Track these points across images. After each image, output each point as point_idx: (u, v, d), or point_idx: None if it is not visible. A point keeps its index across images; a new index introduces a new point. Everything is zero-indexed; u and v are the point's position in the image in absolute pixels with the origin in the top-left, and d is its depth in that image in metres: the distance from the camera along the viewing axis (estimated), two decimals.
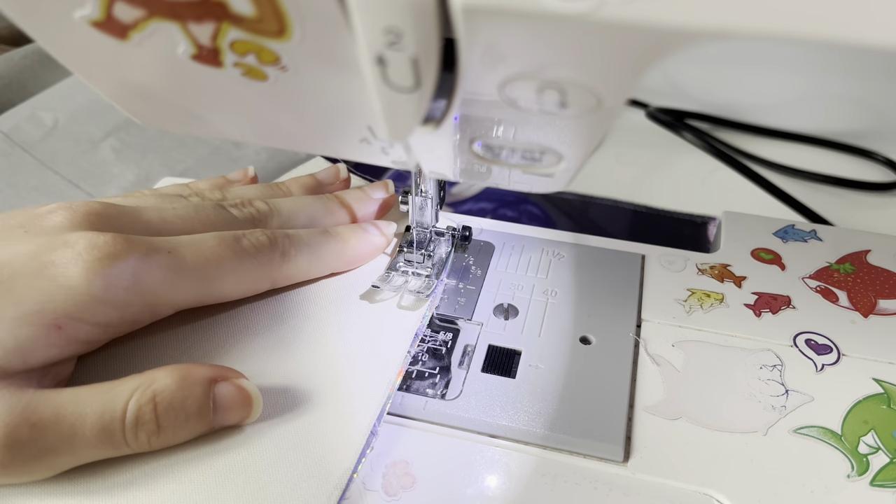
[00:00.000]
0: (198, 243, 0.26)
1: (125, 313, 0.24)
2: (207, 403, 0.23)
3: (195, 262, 0.25)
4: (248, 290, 0.28)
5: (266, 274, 0.28)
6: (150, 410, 0.22)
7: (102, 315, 0.23)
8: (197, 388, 0.23)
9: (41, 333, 0.22)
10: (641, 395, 0.28)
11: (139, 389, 0.22)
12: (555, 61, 0.15)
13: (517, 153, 0.21)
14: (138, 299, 0.24)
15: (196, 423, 0.23)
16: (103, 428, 0.22)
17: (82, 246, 0.23)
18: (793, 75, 0.52)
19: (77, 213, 0.25)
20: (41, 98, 0.53)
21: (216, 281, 0.26)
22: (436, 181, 0.30)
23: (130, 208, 0.26)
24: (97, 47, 0.18)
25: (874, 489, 0.24)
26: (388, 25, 0.14)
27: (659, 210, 0.46)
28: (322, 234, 0.30)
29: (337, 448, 0.24)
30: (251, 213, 0.29)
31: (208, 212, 0.28)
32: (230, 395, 0.24)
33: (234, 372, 0.25)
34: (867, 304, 0.31)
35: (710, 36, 0.12)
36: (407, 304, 0.30)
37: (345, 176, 0.36)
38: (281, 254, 0.28)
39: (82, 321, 0.23)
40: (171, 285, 0.25)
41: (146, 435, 0.22)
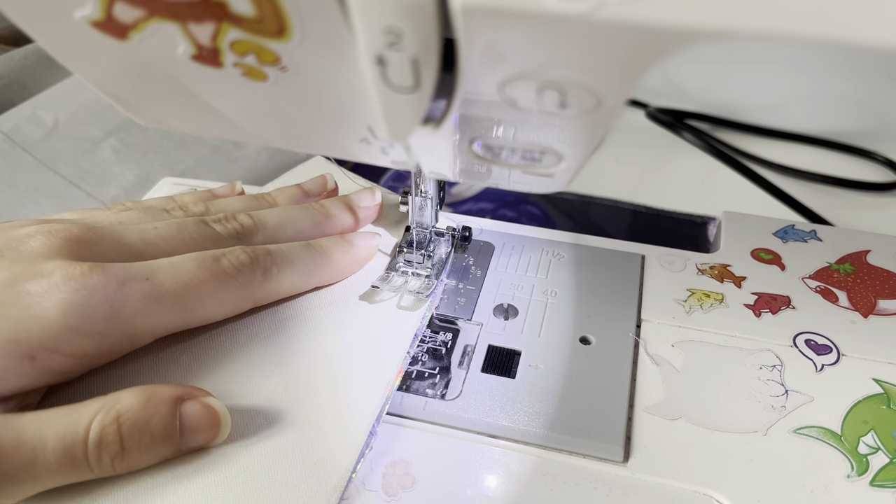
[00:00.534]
0: (176, 267, 0.25)
1: (102, 344, 0.24)
2: (173, 423, 0.22)
3: (174, 288, 0.24)
4: (229, 312, 0.27)
5: (248, 294, 0.27)
6: (114, 431, 0.21)
7: (78, 346, 0.23)
8: (162, 408, 0.22)
9: (13, 364, 0.22)
10: (641, 395, 0.28)
11: (102, 410, 0.22)
12: (554, 61, 0.15)
13: (517, 153, 0.21)
14: (116, 330, 0.23)
15: (162, 445, 0.22)
16: (65, 451, 0.21)
17: (59, 277, 0.22)
18: (793, 75, 0.52)
19: (56, 237, 0.24)
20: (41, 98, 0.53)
21: (197, 306, 0.25)
22: (435, 181, 0.30)
23: (110, 231, 0.26)
24: (97, 47, 0.18)
25: (874, 489, 0.24)
26: (387, 25, 0.14)
27: (659, 210, 0.46)
28: (305, 249, 0.29)
29: (336, 448, 0.24)
30: (235, 229, 0.29)
31: (190, 230, 0.27)
32: (197, 414, 0.23)
33: (200, 391, 0.24)
34: (867, 304, 0.31)
35: (710, 36, 0.12)
36: (406, 304, 0.30)
37: (332, 186, 0.35)
38: (263, 272, 0.27)
39: (57, 352, 0.22)
40: (149, 314, 0.24)
41: (109, 457, 0.21)
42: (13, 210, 0.45)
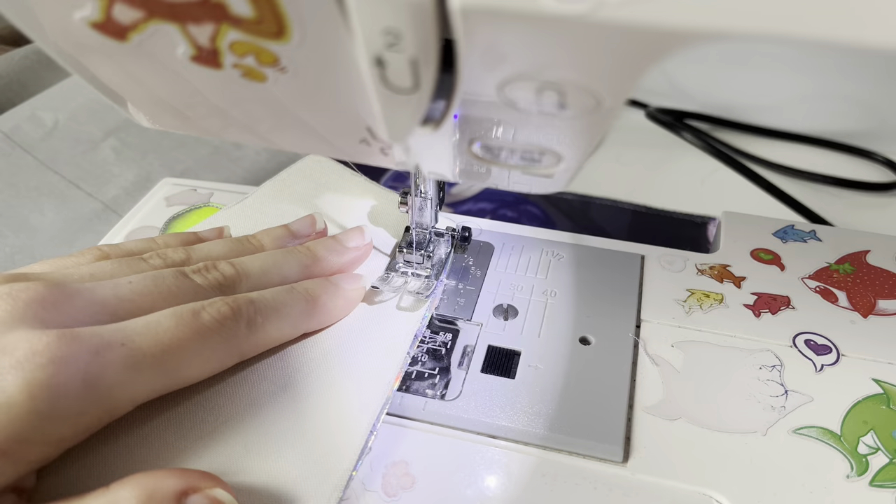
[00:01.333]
0: (154, 327, 0.23)
1: (79, 423, 0.21)
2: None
3: (153, 351, 0.22)
4: (215, 369, 0.25)
5: (233, 349, 0.25)
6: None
7: (52, 432, 0.20)
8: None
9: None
10: (641, 395, 0.28)
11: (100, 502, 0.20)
12: (553, 62, 0.15)
13: (516, 154, 0.21)
14: (92, 406, 0.21)
15: None
16: None
17: (22, 352, 0.20)
18: (793, 75, 0.52)
19: (18, 301, 0.21)
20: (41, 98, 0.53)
21: (179, 367, 0.23)
22: (435, 182, 0.30)
23: (80, 289, 0.23)
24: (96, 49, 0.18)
25: (874, 489, 0.24)
26: (386, 27, 0.14)
27: (659, 210, 0.46)
28: (289, 294, 0.27)
29: (336, 448, 0.24)
30: (217, 279, 0.26)
31: (168, 282, 0.25)
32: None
33: (207, 480, 0.21)
34: (867, 304, 0.31)
35: (709, 36, 0.12)
36: (406, 304, 0.30)
37: (321, 227, 0.33)
38: (247, 324, 0.25)
39: (30, 442, 0.20)
40: (128, 383, 0.22)
41: None
42: (13, 210, 0.45)
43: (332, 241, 0.31)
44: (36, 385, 0.19)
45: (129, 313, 0.23)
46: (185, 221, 0.38)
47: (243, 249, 0.30)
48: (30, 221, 0.44)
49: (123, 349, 0.22)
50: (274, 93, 0.19)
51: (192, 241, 0.31)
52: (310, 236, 0.33)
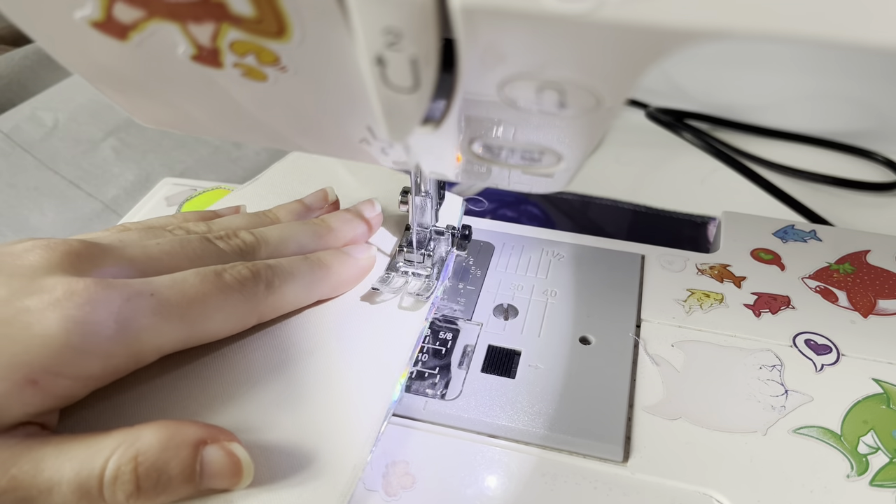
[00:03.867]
0: (180, 282, 0.24)
1: (108, 364, 0.23)
2: (193, 467, 0.22)
3: (180, 303, 0.24)
4: (235, 327, 0.26)
5: (252, 308, 0.26)
6: (131, 470, 0.21)
7: (83, 367, 0.22)
8: (183, 451, 0.22)
9: (13, 389, 0.20)
10: (641, 395, 0.28)
11: (122, 447, 0.21)
12: (554, 61, 0.15)
13: (517, 153, 0.21)
14: (122, 348, 0.23)
15: (179, 487, 0.22)
16: (80, 485, 0.20)
17: (60, 292, 0.21)
18: (793, 75, 0.52)
19: (55, 252, 0.23)
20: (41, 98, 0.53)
21: (202, 321, 0.25)
22: (436, 181, 0.30)
23: (112, 246, 0.25)
24: (97, 48, 0.18)
25: (874, 489, 0.24)
26: (387, 26, 0.14)
27: (659, 210, 0.46)
28: (305, 262, 0.29)
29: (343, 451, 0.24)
30: (238, 245, 0.28)
31: (194, 245, 0.27)
32: (219, 460, 0.22)
33: (226, 434, 0.23)
34: (867, 304, 0.31)
35: (709, 36, 0.12)
36: (407, 305, 0.30)
37: (333, 199, 0.35)
38: (266, 285, 0.26)
39: (61, 375, 0.21)
40: (155, 330, 0.23)
41: (124, 495, 0.21)
42: (13, 210, 0.45)
43: (344, 213, 0.33)
44: (72, 321, 0.21)
45: (156, 271, 0.25)
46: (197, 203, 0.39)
47: (261, 222, 0.31)
48: (30, 221, 0.44)
49: (152, 299, 0.23)
50: (274, 92, 0.19)
51: (210, 218, 0.32)
52: (323, 209, 0.34)
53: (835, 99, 0.52)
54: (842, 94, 0.52)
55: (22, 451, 0.21)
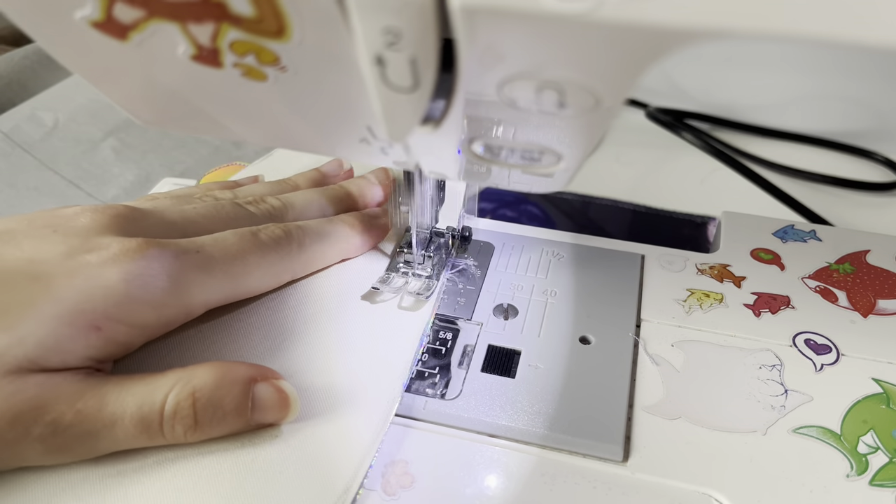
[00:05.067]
0: (221, 241, 0.26)
1: (161, 314, 0.25)
2: (245, 403, 0.24)
3: (223, 259, 0.26)
4: (271, 282, 0.29)
5: (287, 266, 0.29)
6: (189, 406, 0.23)
7: (140, 316, 0.24)
8: (236, 388, 0.23)
9: (80, 334, 0.22)
10: (641, 394, 0.28)
11: (179, 384, 0.23)
12: (553, 61, 0.15)
13: (516, 153, 0.21)
14: (174, 299, 0.25)
15: (233, 421, 0.24)
16: (142, 419, 0.22)
17: (116, 249, 0.23)
18: (793, 75, 0.52)
19: (104, 215, 0.25)
20: (41, 98, 0.53)
21: (243, 276, 0.27)
22: (435, 182, 0.30)
23: (153, 210, 0.27)
24: (97, 48, 0.18)
25: (873, 489, 0.24)
26: (386, 26, 0.14)
27: (659, 210, 0.46)
28: (330, 223, 0.31)
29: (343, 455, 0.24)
30: (267, 209, 0.30)
31: (227, 209, 0.29)
32: (269, 395, 0.24)
33: (273, 372, 0.25)
34: (866, 304, 0.31)
35: (709, 36, 0.12)
36: (407, 305, 0.30)
37: (348, 167, 0.38)
38: (297, 244, 0.29)
39: (121, 322, 0.23)
40: (203, 284, 0.25)
41: (183, 429, 0.23)
42: (13, 210, 0.45)
43: (360, 179, 0.35)
44: (130, 274, 0.23)
45: (195, 233, 0.27)
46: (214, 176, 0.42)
47: (282, 189, 0.34)
48: None
49: (198, 255, 0.25)
50: (274, 92, 0.19)
51: (233, 187, 0.34)
52: (339, 176, 0.37)
53: (835, 99, 0.52)
54: (842, 94, 0.52)
55: (87, 388, 0.22)
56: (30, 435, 0.21)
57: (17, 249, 0.23)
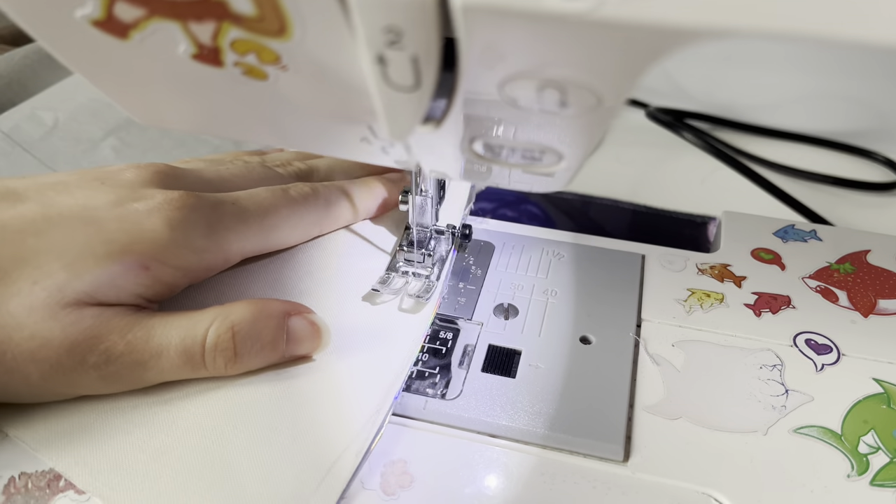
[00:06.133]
0: (255, 196, 0.29)
1: (202, 259, 0.27)
2: (281, 335, 0.26)
3: (257, 211, 0.28)
4: (301, 236, 0.31)
5: (315, 219, 0.31)
6: (229, 338, 0.24)
7: (183, 259, 0.26)
8: (272, 321, 0.25)
9: (131, 272, 0.24)
10: (641, 394, 0.28)
11: (218, 319, 0.25)
12: (555, 60, 0.15)
13: (517, 152, 0.21)
14: (213, 245, 0.27)
15: (269, 352, 0.26)
16: (185, 350, 0.24)
17: (160, 199, 0.26)
18: (793, 75, 0.52)
19: (147, 171, 0.27)
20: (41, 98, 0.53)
21: (275, 228, 0.29)
22: (436, 180, 0.30)
23: (191, 169, 0.29)
24: (98, 47, 0.18)
25: (874, 489, 0.24)
26: (388, 24, 0.14)
27: (659, 210, 0.46)
28: (353, 183, 0.33)
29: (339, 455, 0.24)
30: (294, 171, 0.32)
31: (258, 170, 0.31)
32: (302, 328, 0.26)
33: (305, 308, 0.27)
34: (867, 303, 0.31)
35: (710, 36, 0.12)
36: (407, 307, 0.30)
37: None
38: (325, 201, 0.31)
39: (166, 264, 0.25)
40: (238, 232, 0.28)
41: (223, 360, 0.25)
42: None
43: None
44: (174, 220, 0.25)
45: (229, 190, 0.29)
46: None
47: (306, 155, 0.35)
48: None
49: (234, 206, 0.28)
50: (275, 91, 0.19)
51: (259, 154, 0.35)
52: None
53: (835, 99, 0.52)
54: (842, 94, 0.52)
55: (136, 321, 0.24)
56: (85, 363, 0.23)
57: (71, 198, 0.25)
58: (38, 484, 0.24)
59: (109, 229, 0.24)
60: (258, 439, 0.24)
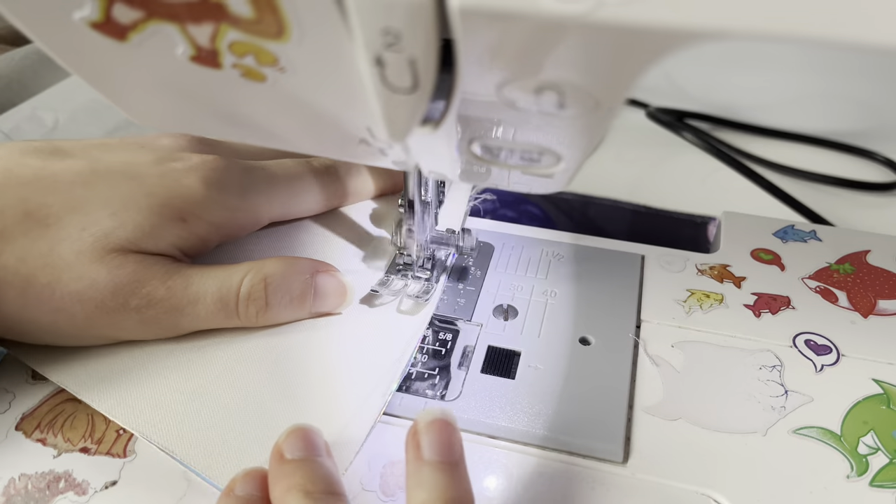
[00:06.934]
0: (282, 164, 0.31)
1: (235, 217, 0.29)
2: (309, 290, 0.28)
3: (284, 176, 0.30)
4: (321, 206, 0.33)
5: (334, 190, 0.33)
6: (261, 289, 0.27)
7: (218, 215, 0.28)
8: (301, 276, 0.28)
9: (170, 223, 0.26)
10: (641, 395, 0.27)
11: (252, 271, 0.27)
12: (553, 62, 0.15)
13: (516, 154, 0.21)
14: (246, 205, 0.29)
15: (298, 305, 0.28)
16: (221, 299, 0.26)
17: (197, 160, 0.28)
18: (793, 75, 0.52)
19: (182, 138, 0.30)
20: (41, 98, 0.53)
21: (301, 194, 0.31)
22: (435, 182, 0.30)
23: (223, 141, 0.31)
24: (96, 49, 0.18)
25: (874, 489, 0.24)
26: (386, 26, 0.14)
27: (659, 210, 0.46)
28: (356, 165, 0.35)
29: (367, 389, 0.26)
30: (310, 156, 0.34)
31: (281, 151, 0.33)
32: (329, 283, 0.28)
33: (332, 266, 0.29)
34: (867, 304, 0.31)
35: (709, 36, 0.12)
36: (406, 308, 0.30)
37: None
38: (344, 173, 0.33)
39: (202, 218, 0.27)
40: (269, 196, 0.30)
41: (255, 309, 0.27)
42: None
43: None
44: (210, 179, 0.27)
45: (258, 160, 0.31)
46: None
47: None
48: None
49: (263, 171, 0.30)
50: (273, 93, 0.19)
51: None
52: None
53: (835, 99, 0.52)
54: (842, 94, 0.52)
55: (175, 270, 0.26)
56: (128, 305, 0.25)
57: (114, 156, 0.27)
58: (38, 485, 0.24)
59: (151, 184, 0.26)
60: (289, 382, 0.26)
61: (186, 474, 0.24)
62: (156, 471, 0.25)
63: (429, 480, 0.21)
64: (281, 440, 0.23)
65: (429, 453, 0.22)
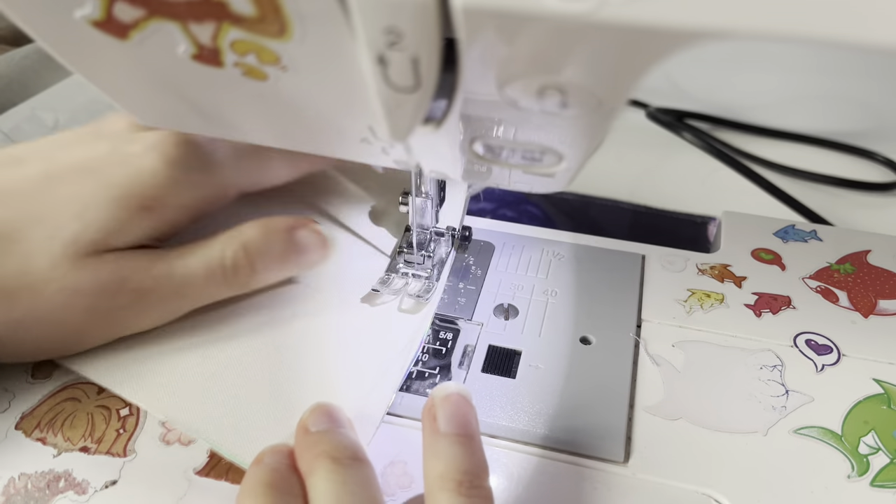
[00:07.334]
0: None
1: (202, 194, 0.27)
2: (290, 246, 0.28)
3: (249, 148, 0.28)
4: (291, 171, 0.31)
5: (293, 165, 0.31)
6: (243, 256, 0.26)
7: (184, 195, 0.26)
8: (280, 234, 0.27)
9: (136, 215, 0.25)
10: (641, 395, 0.27)
11: (231, 240, 0.26)
12: (555, 61, 0.15)
13: (517, 153, 0.20)
14: (210, 179, 0.27)
15: (283, 264, 0.28)
16: (208, 274, 0.26)
17: (154, 139, 0.26)
18: (793, 75, 0.52)
19: None
20: (41, 98, 0.53)
21: (267, 167, 0.30)
22: (436, 181, 0.30)
23: None
24: (97, 47, 0.18)
25: (874, 489, 0.24)
26: (388, 25, 0.14)
27: (659, 210, 0.46)
28: None
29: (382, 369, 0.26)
30: None
31: None
32: (308, 237, 0.28)
33: (309, 220, 0.29)
34: (867, 304, 0.31)
35: (710, 36, 0.12)
36: (407, 307, 0.30)
37: None
38: None
39: (167, 205, 0.26)
40: (234, 166, 0.28)
41: (244, 276, 0.27)
42: None
43: None
44: (170, 157, 0.26)
45: None
46: None
47: None
48: None
49: (226, 143, 0.28)
50: (275, 92, 0.19)
51: None
52: None
53: (835, 99, 0.52)
54: (842, 94, 0.52)
55: (155, 258, 0.26)
56: (118, 303, 0.25)
57: (69, 153, 0.26)
58: (38, 484, 0.24)
59: (109, 174, 0.25)
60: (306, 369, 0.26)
61: (186, 474, 0.24)
62: (156, 470, 0.25)
63: (445, 452, 0.22)
64: (305, 416, 0.23)
65: (445, 426, 0.22)
